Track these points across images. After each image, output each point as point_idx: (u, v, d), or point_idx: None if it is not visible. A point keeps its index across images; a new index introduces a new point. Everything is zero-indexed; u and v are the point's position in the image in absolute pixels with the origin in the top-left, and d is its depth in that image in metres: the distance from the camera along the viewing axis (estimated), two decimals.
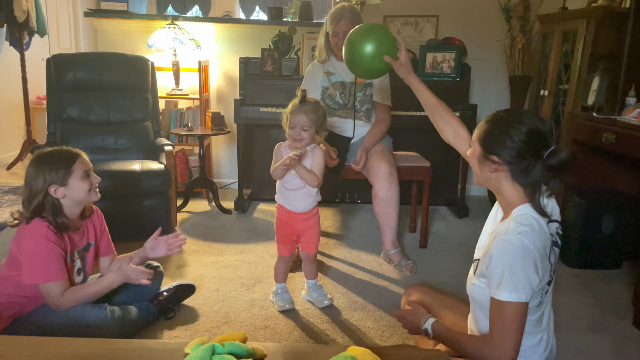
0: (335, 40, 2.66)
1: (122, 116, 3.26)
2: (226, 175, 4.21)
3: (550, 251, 1.32)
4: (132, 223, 2.85)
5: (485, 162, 1.34)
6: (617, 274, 2.70)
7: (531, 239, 1.26)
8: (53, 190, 1.75)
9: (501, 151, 1.30)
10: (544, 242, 1.29)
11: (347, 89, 2.77)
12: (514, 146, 1.28)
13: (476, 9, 3.84)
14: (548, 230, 1.31)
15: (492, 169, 1.33)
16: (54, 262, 1.73)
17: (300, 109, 2.00)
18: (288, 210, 2.14)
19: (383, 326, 2.08)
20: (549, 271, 1.32)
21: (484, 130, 1.35)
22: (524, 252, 1.25)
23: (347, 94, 2.78)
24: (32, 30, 4.35)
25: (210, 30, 3.98)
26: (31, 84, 4.45)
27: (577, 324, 2.15)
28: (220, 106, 4.06)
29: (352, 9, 2.64)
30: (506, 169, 1.31)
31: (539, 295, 1.32)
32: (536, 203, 1.31)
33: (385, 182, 2.61)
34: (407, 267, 2.62)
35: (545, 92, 3.31)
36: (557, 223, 1.37)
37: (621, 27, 2.77)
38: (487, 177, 1.37)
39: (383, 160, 2.63)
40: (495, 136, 1.32)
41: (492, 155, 1.32)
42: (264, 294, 2.34)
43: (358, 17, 2.64)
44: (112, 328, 1.80)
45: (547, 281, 1.33)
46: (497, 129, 1.32)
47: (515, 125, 1.29)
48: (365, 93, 2.78)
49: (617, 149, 2.40)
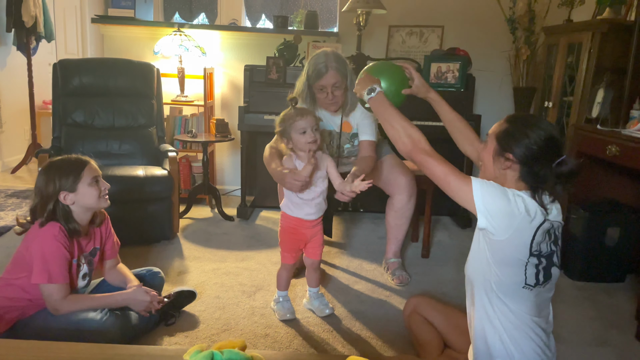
0: (323, 95, 2.36)
1: (126, 122, 3.27)
2: (229, 182, 4.21)
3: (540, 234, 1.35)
4: (135, 228, 2.86)
5: (500, 159, 1.41)
6: (620, 287, 2.68)
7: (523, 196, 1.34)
8: (63, 196, 1.77)
9: (517, 150, 1.37)
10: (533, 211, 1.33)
11: (335, 140, 2.54)
12: (530, 148, 1.36)
13: (481, 20, 3.85)
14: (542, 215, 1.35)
15: (505, 166, 1.40)
16: (59, 265, 1.74)
17: (302, 112, 1.99)
18: (298, 219, 2.12)
19: (384, 336, 2.07)
20: (528, 247, 1.35)
21: (504, 128, 1.42)
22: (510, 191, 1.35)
23: (334, 146, 2.55)
24: (39, 35, 4.39)
25: (216, 37, 4.00)
26: (37, 89, 4.48)
27: (580, 337, 2.13)
28: (224, 113, 4.07)
29: (335, 56, 2.33)
30: (517, 168, 1.39)
31: (520, 269, 1.35)
32: (537, 194, 1.37)
33: (405, 195, 2.60)
34: (399, 278, 2.59)
35: (549, 103, 3.31)
36: (557, 222, 1.41)
37: (626, 39, 2.77)
38: (496, 173, 1.43)
39: (404, 173, 2.61)
40: (514, 135, 1.39)
41: (507, 153, 1.39)
42: (265, 301, 2.33)
43: (344, 64, 2.35)
44: (112, 333, 1.79)
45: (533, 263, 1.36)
46: (517, 129, 1.39)
47: (535, 129, 1.37)
48: (354, 144, 2.55)
49: (621, 161, 2.39)
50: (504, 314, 1.38)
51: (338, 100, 2.39)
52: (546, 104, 3.34)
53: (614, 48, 2.83)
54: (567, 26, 3.21)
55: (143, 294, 1.92)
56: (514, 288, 1.37)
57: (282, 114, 2.04)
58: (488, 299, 1.41)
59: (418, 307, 1.85)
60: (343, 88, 2.36)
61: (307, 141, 1.97)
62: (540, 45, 3.65)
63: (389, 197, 2.66)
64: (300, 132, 1.97)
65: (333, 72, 2.30)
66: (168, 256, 2.81)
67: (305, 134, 1.97)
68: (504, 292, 1.38)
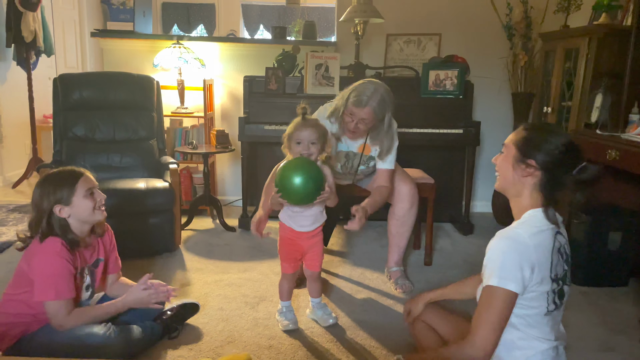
0: (347, 120, 2.36)
1: (127, 134, 3.28)
2: (230, 192, 4.22)
3: (555, 257, 1.34)
4: (137, 241, 2.85)
5: (520, 165, 1.39)
6: (623, 291, 2.67)
7: (527, 233, 1.32)
8: (58, 210, 1.76)
9: (539, 156, 1.36)
10: (545, 244, 1.33)
11: (350, 161, 2.56)
12: (551, 153, 1.35)
13: (478, 27, 3.87)
14: (553, 236, 1.35)
15: (526, 173, 1.38)
16: (65, 280, 1.74)
17: (305, 124, 2.01)
18: (293, 230, 2.13)
19: (388, 345, 2.07)
20: (549, 276, 1.33)
21: (523, 136, 1.41)
22: (519, 245, 1.31)
23: (349, 166, 2.58)
24: (39, 50, 4.42)
25: (215, 49, 4.02)
26: (38, 103, 4.50)
27: (585, 343, 2.13)
28: (224, 124, 4.08)
29: (381, 97, 2.29)
30: (538, 175, 1.37)
31: (543, 299, 1.33)
32: (550, 211, 1.36)
33: (407, 203, 2.61)
34: (402, 287, 2.59)
35: (548, 109, 3.32)
36: (563, 238, 1.40)
37: (623, 44, 2.79)
38: (516, 180, 1.41)
39: (406, 182, 2.62)
40: (535, 142, 1.38)
41: (529, 159, 1.37)
42: (268, 312, 2.33)
43: (384, 110, 2.32)
44: (116, 348, 1.79)
45: (552, 289, 1.34)
46: (537, 135, 1.39)
47: (555, 135, 1.37)
48: (368, 166, 2.58)
49: (621, 165, 2.40)
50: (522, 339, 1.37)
51: (359, 132, 2.41)
52: (545, 110, 3.36)
53: (611, 53, 2.85)
54: (563, 32, 3.23)
55: (139, 291, 1.91)
56: (537, 319, 1.35)
57: (292, 122, 2.06)
58: (506, 332, 1.37)
59: (422, 314, 1.84)
60: (371, 126, 2.37)
61: (299, 151, 2.01)
62: (537, 51, 3.66)
63: (391, 205, 2.66)
64: (296, 142, 2.01)
65: (369, 109, 2.28)
66: (170, 268, 2.81)
67: (300, 145, 2.01)
68: (526, 324, 1.36)
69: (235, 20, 6.99)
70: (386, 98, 2.31)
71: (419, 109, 3.52)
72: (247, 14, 7.23)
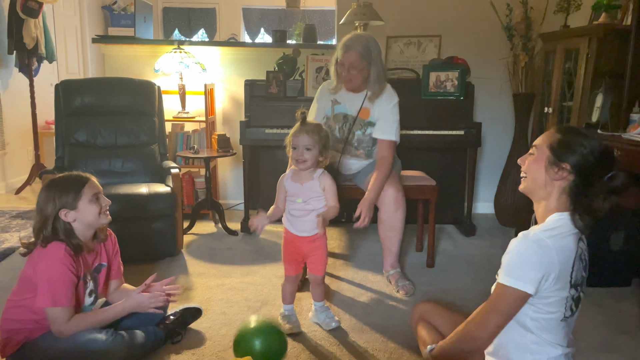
0: (340, 70, 2.55)
1: (129, 140, 3.29)
2: (232, 196, 4.22)
3: (577, 264, 1.34)
4: (139, 246, 2.86)
5: (553, 168, 1.37)
6: (626, 291, 2.66)
7: (551, 238, 1.31)
8: (64, 214, 1.77)
9: (573, 159, 1.34)
10: (568, 249, 1.33)
11: (348, 123, 2.66)
12: (587, 157, 1.33)
13: (478, 29, 3.88)
14: (576, 242, 1.34)
15: (559, 177, 1.37)
16: (65, 288, 1.74)
17: (302, 129, 2.02)
18: (293, 233, 2.16)
19: (391, 348, 2.06)
20: (569, 282, 1.33)
21: (557, 138, 1.39)
22: (540, 248, 1.30)
23: (346, 130, 2.67)
24: (41, 56, 4.44)
25: (216, 53, 4.03)
26: (40, 109, 4.52)
27: (589, 344, 2.12)
28: (226, 128, 4.09)
29: (365, 41, 2.51)
30: (570, 179, 1.36)
31: (561, 305, 1.33)
32: (577, 216, 1.36)
33: (391, 207, 2.60)
34: (404, 289, 2.59)
35: (549, 109, 3.32)
36: (584, 244, 1.40)
37: (623, 44, 2.79)
38: (547, 183, 1.38)
39: (391, 185, 2.60)
40: (570, 145, 1.35)
41: (563, 163, 1.35)
42: (271, 316, 2.32)
43: (368, 50, 2.51)
44: (119, 353, 1.80)
45: (571, 295, 1.34)
46: (572, 138, 1.37)
47: (589, 139, 1.35)
48: (365, 132, 2.66)
49: (623, 165, 2.39)
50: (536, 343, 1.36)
51: (353, 81, 2.55)
52: (546, 110, 3.35)
53: (611, 53, 2.84)
54: (563, 32, 3.23)
55: (137, 295, 1.92)
56: (553, 324, 1.35)
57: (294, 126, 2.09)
58: (519, 334, 1.38)
59: (425, 314, 1.85)
60: (360, 71, 2.51)
61: (294, 156, 2.05)
62: (537, 51, 3.66)
63: (378, 209, 2.65)
64: (292, 146, 2.05)
65: (354, 52, 2.46)
66: (173, 273, 2.81)
67: (296, 150, 2.04)
68: (541, 327, 1.35)
69: (236, 24, 7.01)
70: (370, 41, 2.53)
71: (420, 110, 3.52)
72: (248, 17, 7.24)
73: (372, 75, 2.55)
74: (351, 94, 2.64)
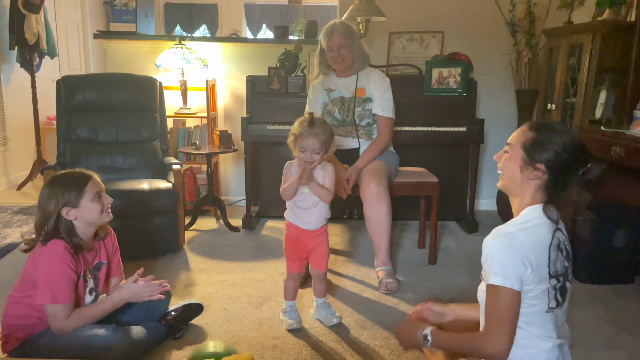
0: (331, 55, 2.74)
1: (130, 136, 3.29)
2: (234, 192, 4.22)
3: (553, 254, 1.33)
4: (141, 242, 2.86)
5: (528, 168, 1.36)
6: (629, 288, 2.65)
7: (522, 230, 1.31)
8: (65, 212, 1.76)
9: (547, 160, 1.33)
10: (541, 239, 1.32)
11: (347, 104, 2.82)
12: (561, 155, 1.32)
13: (481, 24, 3.86)
14: (551, 232, 1.34)
15: (534, 177, 1.36)
16: (64, 286, 1.74)
17: (311, 132, 2.01)
18: (299, 228, 2.15)
19: (392, 344, 2.06)
20: (547, 272, 1.32)
21: (530, 137, 1.37)
22: (513, 241, 1.30)
23: (346, 110, 2.82)
24: (42, 52, 4.43)
25: (218, 49, 4.02)
26: (41, 105, 4.51)
27: (591, 341, 2.11)
28: (227, 124, 4.08)
29: (342, 23, 2.75)
30: (545, 177, 1.35)
31: (543, 297, 1.33)
32: (549, 208, 1.35)
33: (373, 203, 2.58)
34: (385, 286, 2.55)
35: (552, 105, 3.30)
36: (563, 234, 1.39)
37: (627, 40, 2.77)
38: (523, 182, 1.38)
39: (373, 180, 2.58)
40: (544, 144, 1.34)
41: (538, 163, 1.34)
42: (273, 312, 2.32)
43: (349, 29, 2.72)
44: (121, 349, 1.80)
45: (553, 285, 1.34)
46: (545, 136, 1.35)
47: (562, 135, 1.34)
48: (365, 108, 2.81)
49: (626, 162, 2.38)
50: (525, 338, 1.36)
51: (345, 58, 2.74)
52: (549, 106, 3.34)
53: (615, 49, 2.83)
54: (567, 28, 3.21)
55: (134, 285, 1.91)
56: (539, 317, 1.34)
57: (299, 121, 2.06)
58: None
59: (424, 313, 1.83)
60: (348, 48, 2.72)
61: (302, 158, 2.05)
62: (541, 47, 3.64)
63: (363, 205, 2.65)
64: (300, 149, 2.04)
65: (337, 34, 2.68)
66: (174, 269, 2.81)
67: (304, 153, 2.03)
68: (528, 322, 1.34)
69: (238, 20, 6.99)
70: (345, 23, 2.77)
71: (422, 107, 3.51)
72: (250, 13, 7.22)
73: (356, 51, 2.76)
74: (342, 79, 2.85)
